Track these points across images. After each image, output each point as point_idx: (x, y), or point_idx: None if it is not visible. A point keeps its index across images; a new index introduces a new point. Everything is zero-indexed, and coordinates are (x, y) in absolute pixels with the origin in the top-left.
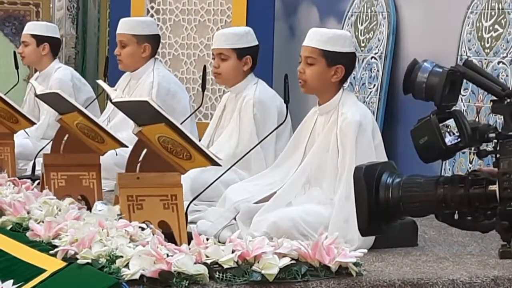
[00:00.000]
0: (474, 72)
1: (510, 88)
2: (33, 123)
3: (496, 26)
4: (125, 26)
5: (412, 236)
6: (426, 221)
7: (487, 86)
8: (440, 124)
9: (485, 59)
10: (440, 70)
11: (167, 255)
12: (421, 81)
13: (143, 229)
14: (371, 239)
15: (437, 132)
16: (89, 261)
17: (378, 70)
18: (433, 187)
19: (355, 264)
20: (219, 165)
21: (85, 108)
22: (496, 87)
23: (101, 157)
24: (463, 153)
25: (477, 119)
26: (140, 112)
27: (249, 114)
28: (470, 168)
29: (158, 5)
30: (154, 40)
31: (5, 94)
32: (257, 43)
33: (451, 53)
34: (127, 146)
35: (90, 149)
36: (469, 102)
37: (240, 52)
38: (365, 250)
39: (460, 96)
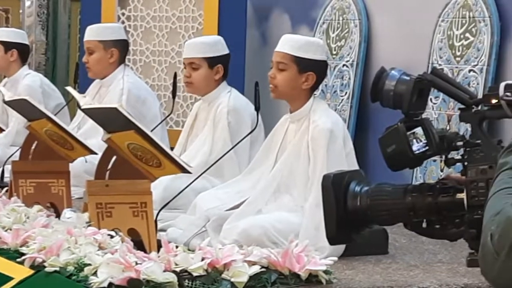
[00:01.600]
0: (442, 80)
1: (478, 97)
2: (1, 130)
3: (467, 35)
4: (91, 33)
5: (383, 244)
6: (397, 229)
7: (454, 94)
8: (408, 132)
9: (456, 67)
10: (408, 78)
11: (136, 263)
12: (389, 89)
13: (112, 236)
14: (341, 247)
15: (404, 140)
16: (57, 269)
17: (349, 78)
18: (401, 196)
19: (325, 272)
20: (189, 172)
21: (55, 114)
22: (463, 95)
23: (70, 164)
24: (434, 161)
25: (448, 127)
26: (110, 119)
27: (224, 122)
28: (441, 176)
29: (129, 12)
30: (121, 46)
31: None
32: (228, 51)
33: (422, 61)
34: (96, 153)
35: (59, 156)
36: (440, 110)
37: (211, 61)
38: (336, 258)
39: (431, 104)
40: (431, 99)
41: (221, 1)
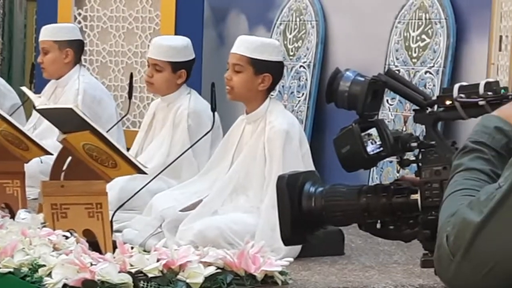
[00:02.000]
0: (396, 81)
1: (433, 98)
2: None
3: (423, 36)
4: (46, 33)
5: (339, 245)
6: (353, 230)
7: (409, 95)
8: (362, 133)
9: (413, 68)
10: (362, 79)
11: (91, 264)
12: (343, 90)
13: (67, 237)
14: (297, 248)
15: (359, 141)
16: (11, 270)
17: (306, 79)
18: (355, 196)
19: (281, 273)
20: (145, 173)
21: (10, 115)
22: (418, 97)
23: (25, 164)
24: (390, 162)
25: (404, 128)
26: (65, 120)
27: (183, 124)
28: (397, 177)
29: (86, 12)
30: (76, 46)
31: None
32: (193, 56)
33: (379, 62)
34: (52, 154)
35: (14, 157)
36: (396, 111)
37: (176, 66)
38: (291, 259)
39: (388, 105)
40: (387, 101)
41: (178, 1)
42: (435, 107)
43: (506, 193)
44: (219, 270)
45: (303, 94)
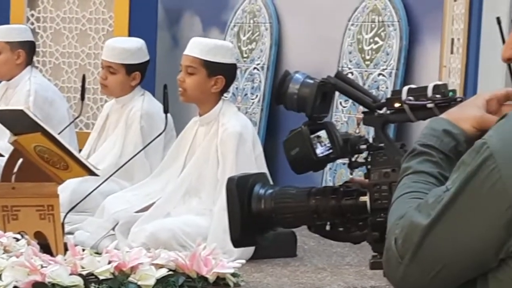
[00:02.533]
0: (346, 83)
1: (382, 100)
2: None
3: (376, 39)
4: None
5: (291, 246)
6: (306, 231)
7: (358, 97)
8: (312, 135)
9: (366, 71)
10: (311, 81)
11: (42, 266)
12: (293, 92)
13: (17, 239)
14: (250, 249)
15: (308, 143)
16: None
17: (260, 81)
18: (305, 198)
19: (233, 275)
20: (96, 175)
21: None
22: (367, 99)
23: None
24: (344, 164)
25: (357, 131)
26: (16, 121)
27: (136, 126)
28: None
29: (39, 13)
30: (28, 47)
31: None
32: (148, 58)
33: (332, 64)
34: (3, 156)
35: None
36: (349, 113)
37: (130, 68)
38: (244, 261)
39: (341, 107)
40: (340, 103)
41: (131, 2)
42: (384, 109)
43: (454, 196)
44: (170, 272)
45: (256, 96)
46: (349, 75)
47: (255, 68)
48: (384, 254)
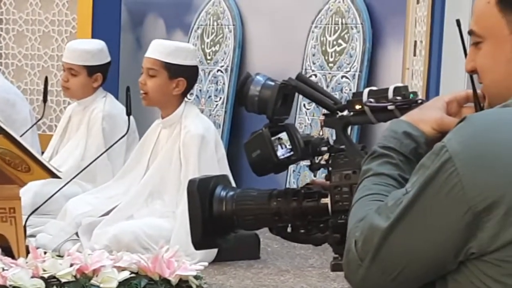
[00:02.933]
0: (306, 85)
1: (343, 102)
2: None
3: (340, 41)
4: None
5: (254, 249)
6: (270, 234)
7: (319, 99)
8: (273, 138)
9: (329, 73)
10: (272, 83)
11: (3, 269)
12: (254, 94)
13: None
14: (213, 252)
15: (269, 145)
16: None
17: (224, 83)
18: (266, 200)
19: (196, 277)
20: (59, 177)
21: None
22: (328, 101)
23: None
24: (307, 166)
25: (321, 133)
26: None
27: (98, 127)
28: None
29: (1, 15)
30: None
31: None
32: (109, 59)
33: (296, 67)
34: None
35: None
36: (313, 115)
37: (91, 70)
38: (206, 263)
39: (305, 109)
40: (304, 105)
41: (95, 4)
42: (345, 111)
43: (413, 199)
44: (133, 275)
45: (220, 98)
46: (313, 77)
47: (218, 70)
48: (344, 256)
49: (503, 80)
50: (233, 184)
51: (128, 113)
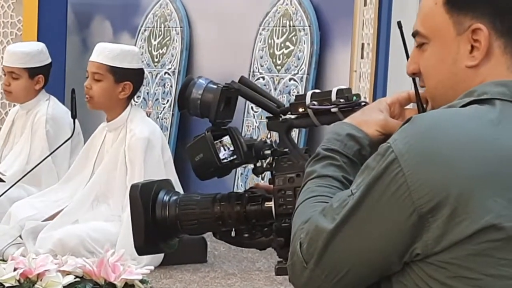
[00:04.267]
0: (249, 88)
1: (286, 105)
2: None
3: (288, 43)
4: None
5: (201, 252)
6: None
7: (262, 103)
8: (215, 141)
9: (277, 75)
10: (215, 86)
11: None
12: (196, 97)
13: None
14: (160, 256)
15: (212, 149)
16: None
17: (171, 86)
18: (210, 205)
19: (142, 281)
20: (2, 181)
21: None
22: (271, 104)
23: None
24: None
25: (269, 135)
26: None
27: (42, 130)
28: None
29: None
30: None
31: None
32: (50, 60)
33: (243, 69)
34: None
35: None
36: (261, 118)
37: (32, 72)
38: (152, 267)
39: (253, 112)
40: (252, 108)
41: (40, 6)
42: (288, 114)
43: (358, 200)
44: (78, 279)
45: (168, 101)
46: (260, 80)
47: (166, 72)
48: (289, 259)
49: (448, 80)
50: (177, 189)
51: (74, 116)
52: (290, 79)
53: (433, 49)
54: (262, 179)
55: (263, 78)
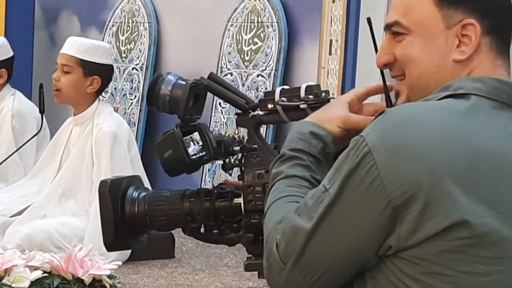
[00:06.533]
0: (218, 84)
1: (255, 101)
2: None
3: (256, 39)
4: None
5: (169, 248)
6: None
7: (230, 99)
8: (184, 137)
9: (245, 71)
10: (184, 83)
11: None
12: (165, 93)
13: None
14: (127, 251)
15: (181, 145)
16: None
17: (139, 81)
18: (179, 201)
19: (109, 276)
20: None
21: None
22: (240, 100)
23: None
24: None
25: (237, 131)
26: None
27: (8, 126)
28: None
29: None
30: None
31: None
32: (11, 54)
33: (211, 65)
34: None
35: None
36: (229, 114)
37: None
38: (120, 263)
39: (220, 108)
40: (220, 103)
41: (8, 1)
42: (258, 110)
43: (335, 196)
44: (45, 274)
45: (135, 96)
46: (228, 76)
47: (134, 68)
48: (265, 260)
49: (434, 73)
50: (146, 185)
51: (42, 111)
52: (258, 75)
53: (415, 41)
54: (230, 175)
55: (231, 74)
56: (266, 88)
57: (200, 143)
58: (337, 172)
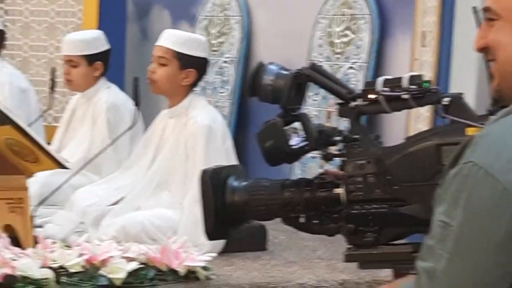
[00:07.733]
0: (320, 75)
1: (356, 92)
2: None
3: (347, 32)
4: None
5: (262, 240)
6: (277, 225)
7: (333, 89)
8: (286, 127)
9: (336, 64)
10: (286, 72)
11: (12, 259)
12: (267, 83)
13: None
14: (220, 243)
15: (282, 135)
16: None
17: (230, 75)
18: (279, 191)
19: (204, 268)
20: (66, 168)
21: None
22: (342, 90)
23: None
24: (313, 158)
25: (328, 124)
26: None
27: (103, 119)
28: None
29: (8, 6)
30: None
31: None
32: (108, 47)
33: (302, 58)
34: None
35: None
36: (319, 107)
37: (90, 59)
38: (214, 254)
39: (311, 101)
40: (310, 96)
41: None
42: (359, 100)
43: (461, 225)
44: (141, 265)
45: (227, 89)
46: None
47: (225, 61)
48: None
49: None
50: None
51: (137, 104)
52: (349, 68)
53: (504, 25)
54: (321, 167)
55: (322, 66)
56: (357, 81)
57: (301, 133)
58: (449, 203)
